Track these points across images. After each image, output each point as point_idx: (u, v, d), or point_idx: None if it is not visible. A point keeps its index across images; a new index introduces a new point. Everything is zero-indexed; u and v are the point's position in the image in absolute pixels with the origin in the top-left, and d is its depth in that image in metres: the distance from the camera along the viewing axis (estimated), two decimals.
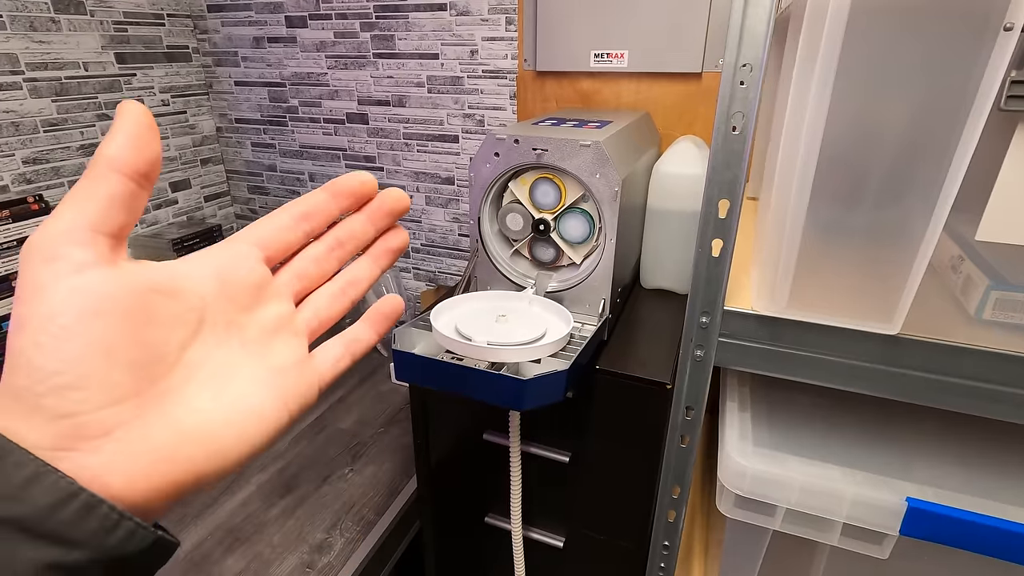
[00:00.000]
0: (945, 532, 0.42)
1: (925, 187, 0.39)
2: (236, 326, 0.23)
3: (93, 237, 0.18)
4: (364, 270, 0.27)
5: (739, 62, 0.40)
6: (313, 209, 0.25)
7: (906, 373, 0.44)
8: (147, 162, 0.19)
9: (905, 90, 0.38)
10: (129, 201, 0.19)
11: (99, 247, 0.18)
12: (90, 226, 0.18)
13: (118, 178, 0.19)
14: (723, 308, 0.48)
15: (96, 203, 0.19)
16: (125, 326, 0.19)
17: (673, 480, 0.57)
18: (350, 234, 0.26)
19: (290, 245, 0.25)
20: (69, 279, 0.18)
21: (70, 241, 0.18)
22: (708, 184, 0.45)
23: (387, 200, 0.26)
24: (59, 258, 0.18)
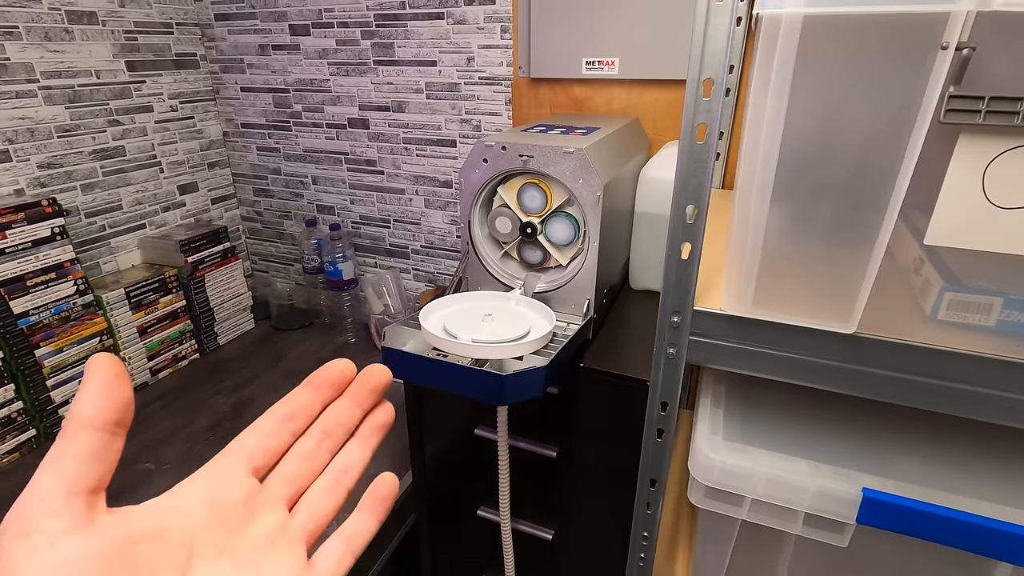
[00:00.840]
0: (899, 521, 0.44)
1: (875, 194, 0.41)
2: (227, 551, 0.22)
3: (67, 501, 0.19)
4: (355, 455, 0.27)
5: (701, 75, 0.43)
6: (297, 409, 0.27)
7: (865, 371, 0.46)
8: (116, 410, 0.20)
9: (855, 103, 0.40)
10: (102, 453, 0.20)
11: (73, 510, 0.19)
12: (64, 489, 0.19)
13: (88, 433, 0.20)
14: (693, 308, 0.50)
15: (69, 463, 0.19)
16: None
17: (650, 473, 0.59)
18: (336, 422, 0.27)
19: (277, 452, 0.26)
20: (44, 553, 0.18)
21: (43, 512, 0.18)
22: (676, 191, 0.47)
23: (370, 378, 0.28)
24: (32, 532, 0.18)
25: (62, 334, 0.99)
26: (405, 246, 1.29)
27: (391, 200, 1.26)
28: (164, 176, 1.27)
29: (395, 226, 1.28)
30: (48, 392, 0.98)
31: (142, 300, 1.12)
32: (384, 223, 1.29)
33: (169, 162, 1.28)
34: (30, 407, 0.97)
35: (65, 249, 0.99)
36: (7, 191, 1.00)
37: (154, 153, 1.24)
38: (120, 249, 1.20)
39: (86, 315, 1.03)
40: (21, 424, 0.96)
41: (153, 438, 0.99)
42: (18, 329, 0.93)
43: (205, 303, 1.24)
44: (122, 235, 1.20)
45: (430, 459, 0.86)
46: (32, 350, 0.96)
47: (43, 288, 0.96)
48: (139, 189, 1.22)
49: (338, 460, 0.27)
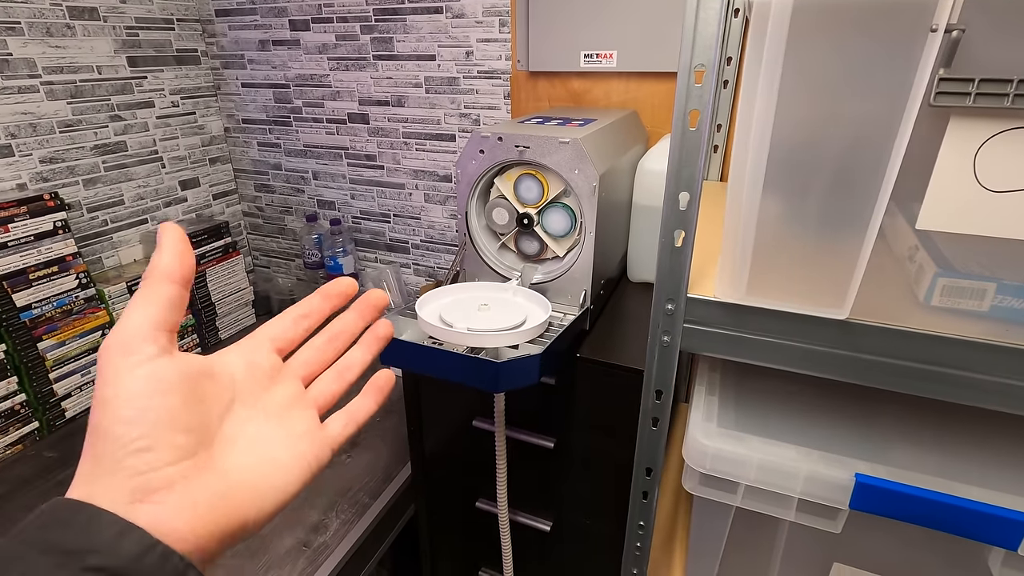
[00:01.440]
0: (892, 506, 0.45)
1: (867, 179, 0.41)
2: (260, 402, 0.28)
3: (156, 334, 0.24)
4: (357, 355, 0.33)
5: (693, 62, 0.43)
6: (310, 310, 0.32)
7: (858, 356, 0.46)
8: (189, 268, 0.26)
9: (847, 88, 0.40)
10: (178, 302, 0.25)
11: (161, 342, 0.24)
12: (154, 325, 0.24)
13: (169, 285, 0.25)
14: (687, 296, 0.51)
15: (157, 306, 0.24)
16: (184, 401, 0.24)
17: (646, 462, 0.59)
18: (343, 327, 0.33)
19: (295, 339, 0.31)
20: (143, 368, 0.23)
21: (140, 338, 0.23)
22: (668, 179, 0.47)
23: (372, 298, 0.34)
24: (133, 352, 0.23)
25: (64, 327, 1.00)
26: (405, 241, 1.30)
27: (391, 195, 1.27)
28: (165, 171, 1.28)
29: (395, 221, 1.29)
30: (51, 385, 0.99)
31: None
32: (384, 218, 1.30)
33: (170, 157, 1.28)
34: (33, 400, 0.97)
35: (67, 243, 1.00)
36: (10, 185, 1.01)
37: (155, 148, 1.25)
38: (122, 244, 1.21)
39: (88, 308, 1.04)
40: (24, 416, 0.97)
41: None
42: (21, 322, 0.94)
43: (207, 298, 1.25)
44: (124, 230, 1.21)
45: (428, 451, 0.86)
46: (35, 343, 0.96)
47: (45, 281, 0.97)
48: (141, 184, 1.23)
49: (344, 358, 0.33)
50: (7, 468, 0.92)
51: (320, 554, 0.77)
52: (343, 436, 0.31)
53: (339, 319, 0.33)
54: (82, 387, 1.04)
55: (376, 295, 0.34)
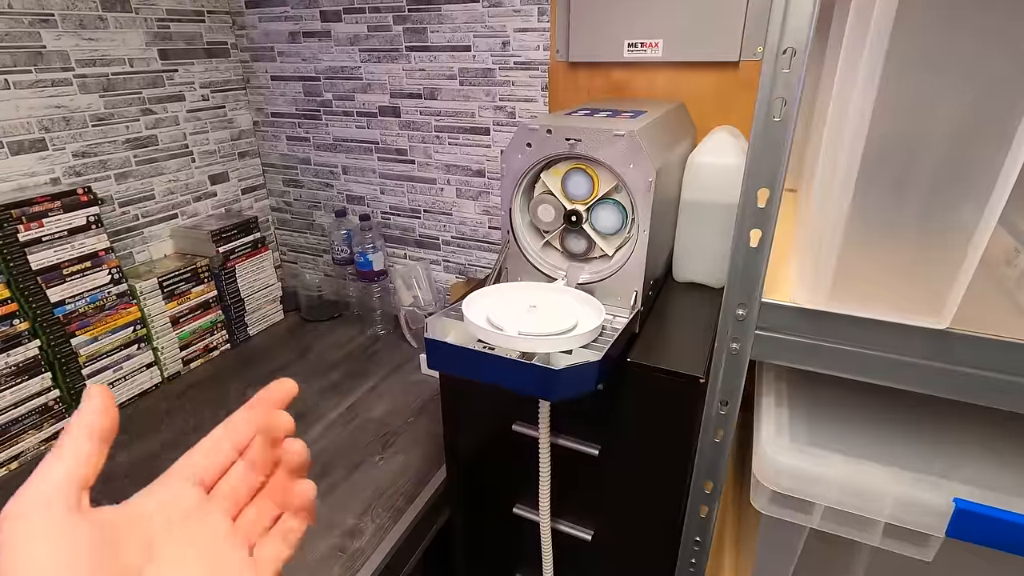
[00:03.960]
0: (995, 535, 0.41)
1: (979, 177, 0.37)
2: (185, 544, 0.26)
3: (66, 491, 0.22)
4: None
5: (782, 45, 0.39)
6: (239, 435, 0.30)
7: (956, 370, 0.42)
8: (112, 427, 0.25)
9: (958, 76, 0.36)
10: (97, 458, 0.24)
11: (69, 499, 0.22)
12: (64, 482, 0.22)
13: (90, 440, 0.24)
14: (761, 300, 0.47)
15: (72, 461, 0.23)
16: (94, 565, 0.21)
17: (706, 475, 0.56)
18: (260, 457, 0.30)
19: (223, 467, 0.29)
20: (47, 534, 0.21)
21: (47, 499, 0.22)
22: (747, 173, 0.44)
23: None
24: (37, 516, 0.21)
25: (97, 323, 0.99)
26: (435, 237, 1.27)
27: (422, 190, 1.24)
28: (195, 166, 1.27)
29: (425, 216, 1.26)
30: (84, 381, 0.99)
31: (175, 290, 1.12)
32: (414, 214, 1.27)
33: (200, 152, 1.27)
34: (66, 395, 0.97)
35: (100, 238, 0.99)
36: (43, 180, 1.01)
37: (186, 143, 1.24)
38: (153, 239, 1.20)
39: (120, 304, 1.03)
40: (58, 412, 0.96)
41: (187, 427, 0.98)
42: (55, 317, 0.94)
43: (236, 293, 1.24)
44: (155, 225, 1.20)
45: (464, 455, 0.83)
46: (68, 338, 0.96)
47: (79, 277, 0.96)
48: (171, 179, 1.22)
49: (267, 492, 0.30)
50: None
51: (356, 559, 0.75)
52: (277, 565, 0.29)
53: (252, 449, 0.30)
54: (114, 383, 1.04)
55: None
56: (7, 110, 0.94)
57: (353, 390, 1.09)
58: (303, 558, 0.75)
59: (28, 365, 0.92)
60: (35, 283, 0.91)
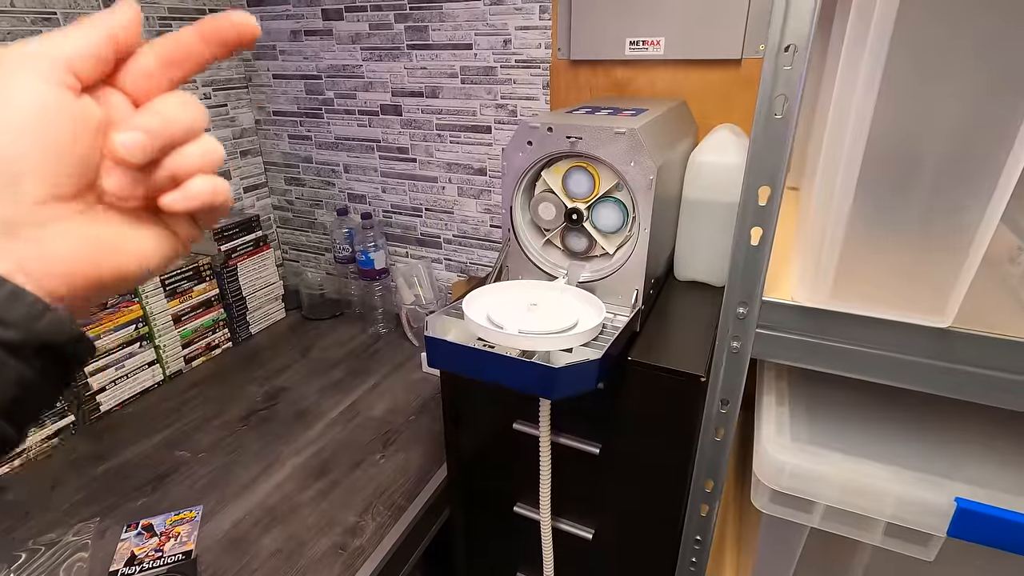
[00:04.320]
0: (997, 535, 0.40)
1: (981, 176, 0.37)
2: None
3: (70, 66, 0.21)
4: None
5: (783, 42, 0.39)
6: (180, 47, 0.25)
7: (958, 368, 0.42)
8: (133, 39, 0.22)
9: (961, 73, 0.36)
10: (106, 57, 0.22)
11: (68, 79, 0.21)
12: (71, 57, 0.21)
13: (108, 38, 0.22)
14: (762, 298, 0.47)
15: (81, 43, 0.21)
16: (77, 140, 0.21)
17: (706, 474, 0.56)
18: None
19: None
20: (41, 87, 0.20)
21: (51, 60, 0.21)
22: (748, 170, 0.43)
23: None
24: (36, 68, 0.20)
25: (99, 321, 1.00)
26: (437, 235, 1.27)
27: (423, 188, 1.24)
28: None
29: (427, 215, 1.26)
30: (87, 378, 0.99)
31: (176, 288, 1.12)
32: (416, 212, 1.27)
33: None
34: (68, 393, 0.97)
35: None
36: None
37: None
38: None
39: (122, 302, 1.03)
40: (59, 410, 0.96)
41: (188, 426, 0.99)
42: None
43: (238, 292, 1.24)
44: None
45: (465, 453, 0.83)
46: None
47: None
48: None
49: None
50: (43, 462, 0.92)
51: (357, 557, 0.75)
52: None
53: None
54: (116, 381, 1.04)
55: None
56: None
57: (354, 388, 1.09)
58: (302, 555, 0.75)
59: None
60: None
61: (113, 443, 0.95)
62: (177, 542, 0.76)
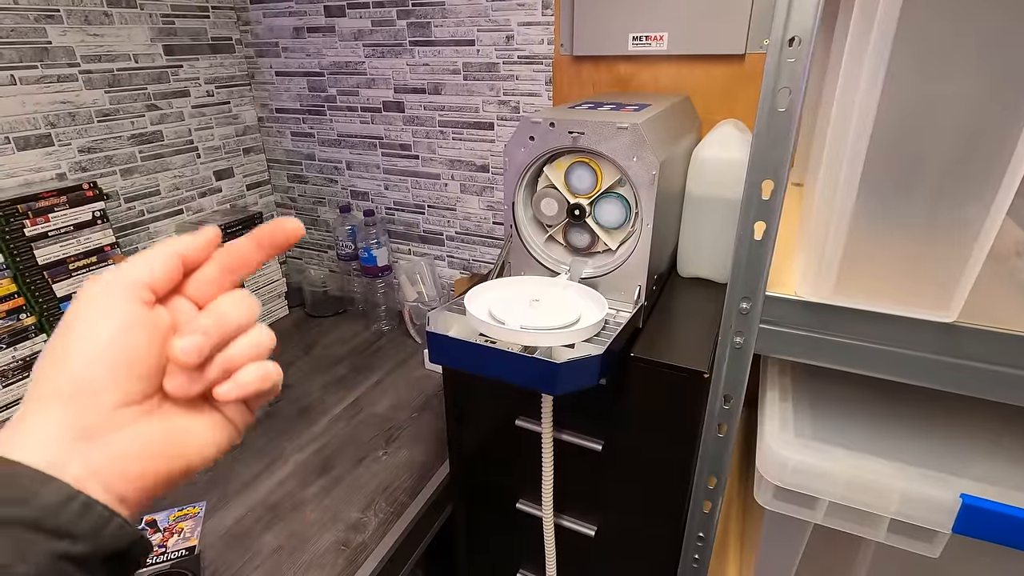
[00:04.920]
0: (1003, 532, 0.40)
1: (986, 171, 0.36)
2: None
3: (144, 286, 0.24)
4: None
5: (787, 34, 0.39)
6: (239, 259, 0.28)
7: (964, 364, 0.42)
8: (202, 260, 0.26)
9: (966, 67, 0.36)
10: (177, 277, 0.25)
11: (144, 294, 0.24)
12: (144, 278, 0.24)
13: (179, 259, 0.25)
14: (765, 293, 0.46)
15: (155, 266, 0.25)
16: (148, 351, 0.23)
17: (709, 470, 0.56)
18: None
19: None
20: (119, 308, 0.23)
21: (127, 284, 0.24)
22: (751, 164, 0.43)
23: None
24: (115, 293, 0.23)
25: None
26: (440, 232, 1.27)
27: (426, 185, 1.24)
28: (201, 162, 1.27)
29: (430, 212, 1.26)
30: None
31: None
32: (419, 209, 1.27)
33: (205, 147, 1.28)
34: None
35: (106, 233, 0.99)
36: (49, 175, 1.01)
37: (191, 138, 1.24)
38: (159, 234, 1.20)
39: None
40: None
41: None
42: (61, 312, 0.94)
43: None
44: (160, 220, 1.21)
45: (468, 450, 0.83)
46: None
47: (85, 272, 0.97)
48: (177, 174, 1.22)
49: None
50: None
51: (360, 554, 0.75)
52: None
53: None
54: None
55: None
56: (13, 106, 0.95)
57: (357, 385, 1.09)
58: (304, 551, 0.75)
59: (36, 359, 0.92)
60: (41, 278, 0.92)
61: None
62: (180, 538, 0.77)
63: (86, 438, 0.21)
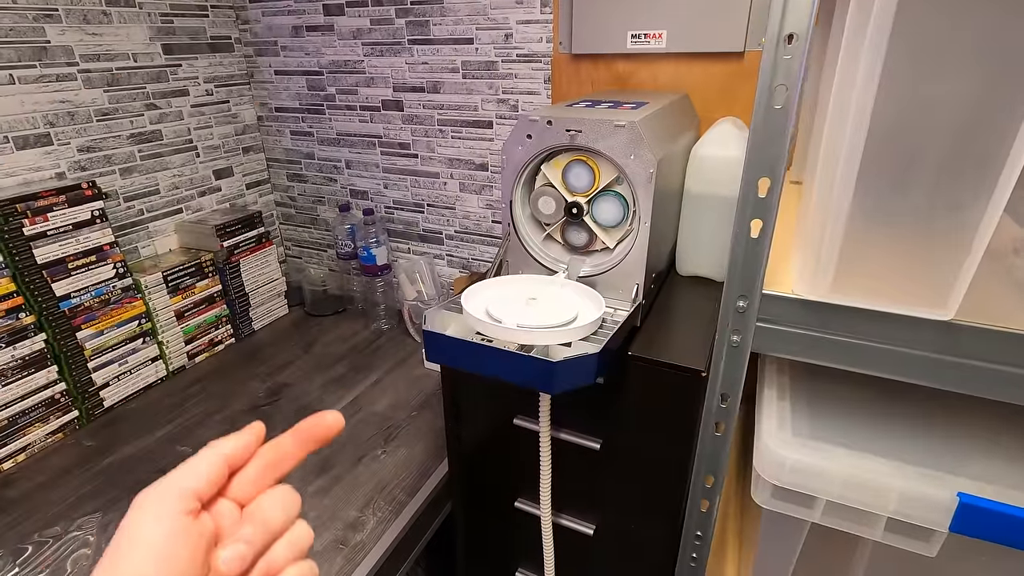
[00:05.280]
0: (1000, 530, 0.40)
1: (983, 168, 0.36)
2: None
3: (191, 495, 0.25)
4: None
5: (783, 31, 0.38)
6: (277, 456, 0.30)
7: (962, 362, 0.42)
8: (242, 463, 0.28)
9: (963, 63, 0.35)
10: (220, 482, 0.27)
11: (190, 504, 0.25)
12: (191, 488, 0.25)
13: (223, 466, 0.27)
14: (762, 292, 0.46)
15: (200, 473, 0.26)
16: (194, 558, 0.24)
17: (707, 469, 0.55)
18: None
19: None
20: (168, 521, 0.24)
21: (175, 495, 0.25)
22: (748, 162, 0.43)
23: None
24: (164, 504, 0.24)
25: (102, 317, 1.00)
26: (439, 231, 1.27)
27: (425, 184, 1.24)
28: (200, 161, 1.27)
29: (429, 211, 1.26)
30: (90, 374, 0.99)
31: (179, 284, 1.12)
32: (418, 208, 1.27)
33: (205, 146, 1.28)
34: (72, 389, 0.98)
35: (104, 232, 0.99)
36: (49, 174, 1.01)
37: (190, 137, 1.24)
38: (158, 233, 1.21)
39: (125, 298, 1.04)
40: (64, 405, 0.97)
41: (190, 422, 0.99)
42: (60, 311, 0.94)
43: (240, 288, 1.24)
44: (159, 219, 1.21)
45: (466, 448, 0.83)
46: (74, 332, 0.96)
47: (83, 271, 0.97)
48: (176, 173, 1.22)
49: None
50: (48, 457, 0.93)
51: (358, 552, 0.75)
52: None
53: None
54: (120, 376, 1.04)
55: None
56: (12, 105, 0.95)
57: (356, 384, 1.09)
58: None
59: (35, 358, 0.92)
60: (40, 277, 0.92)
61: (116, 438, 0.96)
62: None
63: None
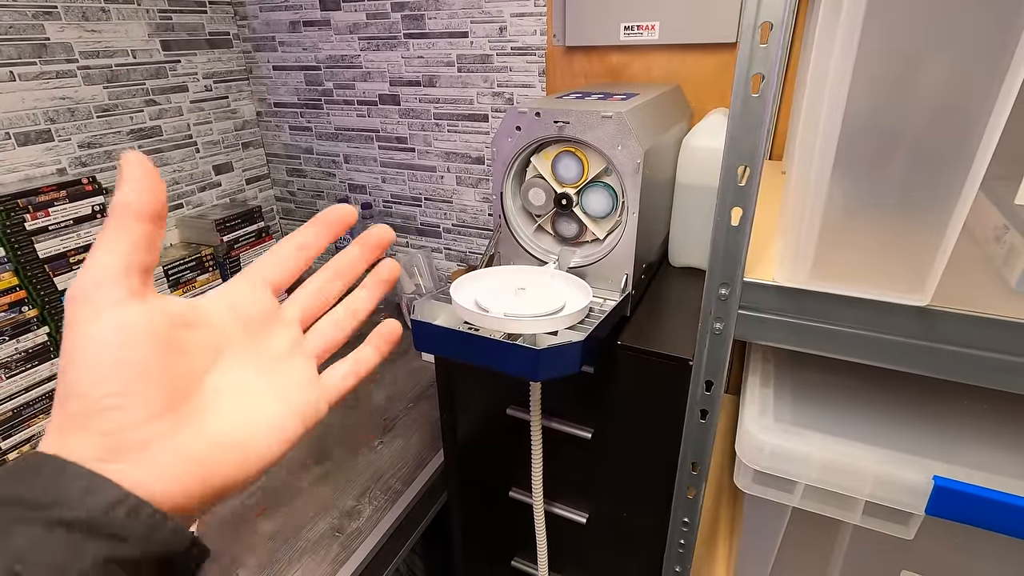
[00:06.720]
0: (974, 513, 0.40)
1: (958, 151, 0.36)
2: (253, 350, 0.25)
3: (123, 277, 0.21)
4: (362, 301, 0.30)
5: (759, 18, 0.39)
6: (307, 241, 0.28)
7: (938, 347, 0.42)
8: (159, 203, 0.22)
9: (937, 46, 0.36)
10: (149, 241, 0.22)
11: (131, 285, 0.21)
12: (122, 266, 0.21)
13: (137, 223, 0.21)
14: (743, 279, 0.47)
15: (123, 245, 0.21)
16: (158, 352, 0.21)
17: (692, 456, 0.56)
18: (348, 264, 0.30)
19: (293, 274, 0.28)
20: (108, 316, 0.20)
21: (105, 283, 0.21)
22: (727, 150, 0.43)
23: (376, 234, 0.30)
24: (97, 299, 0.20)
25: None
26: (436, 225, 1.28)
27: (422, 178, 1.24)
28: (200, 156, 1.28)
29: (426, 204, 1.27)
30: None
31: (180, 278, 1.14)
32: (415, 202, 1.28)
33: (204, 142, 1.29)
34: None
35: None
36: (50, 170, 1.03)
37: (190, 133, 1.25)
38: None
39: None
40: None
41: None
42: (62, 305, 0.96)
43: None
44: None
45: (461, 439, 0.84)
46: None
47: None
48: (176, 169, 1.24)
49: (347, 302, 0.30)
50: None
51: (353, 540, 0.76)
52: (343, 389, 0.28)
53: (344, 254, 0.30)
54: None
55: (381, 230, 0.30)
56: (13, 102, 0.96)
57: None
58: (299, 538, 0.76)
59: (38, 351, 0.94)
60: (43, 271, 0.93)
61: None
62: None
63: (110, 460, 0.20)
